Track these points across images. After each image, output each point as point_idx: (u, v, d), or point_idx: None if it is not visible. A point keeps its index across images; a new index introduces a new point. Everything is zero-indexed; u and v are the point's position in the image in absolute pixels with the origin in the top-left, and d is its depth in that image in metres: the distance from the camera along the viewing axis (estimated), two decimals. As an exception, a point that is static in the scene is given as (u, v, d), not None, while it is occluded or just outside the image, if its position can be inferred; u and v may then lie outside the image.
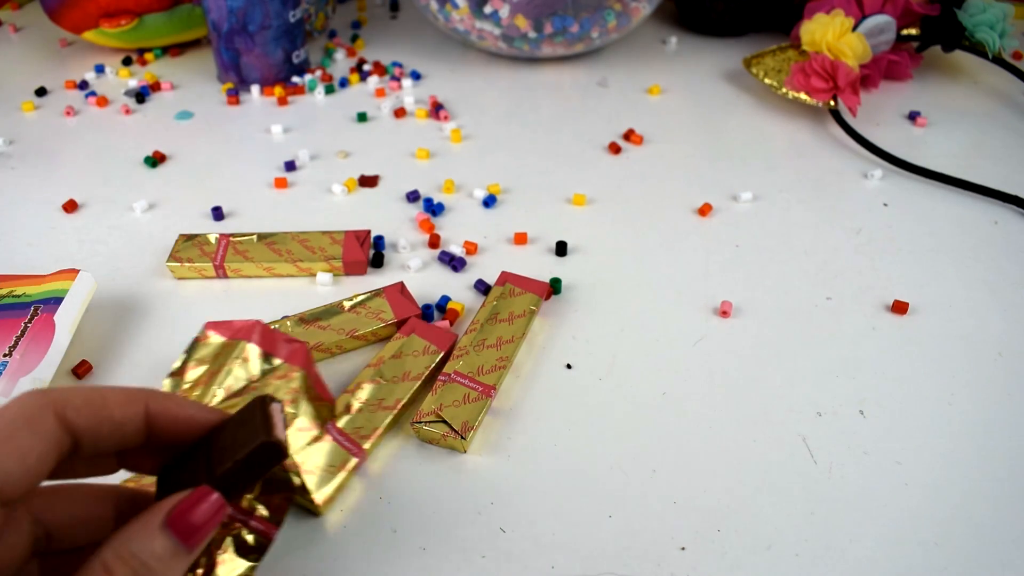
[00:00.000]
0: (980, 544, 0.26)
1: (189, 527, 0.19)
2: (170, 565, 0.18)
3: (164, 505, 0.19)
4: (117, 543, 0.18)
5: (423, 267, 0.39)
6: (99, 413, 0.20)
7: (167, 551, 0.18)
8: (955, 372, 0.33)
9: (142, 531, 0.18)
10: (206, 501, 0.19)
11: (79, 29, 0.58)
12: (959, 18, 0.53)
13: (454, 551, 0.26)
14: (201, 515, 0.19)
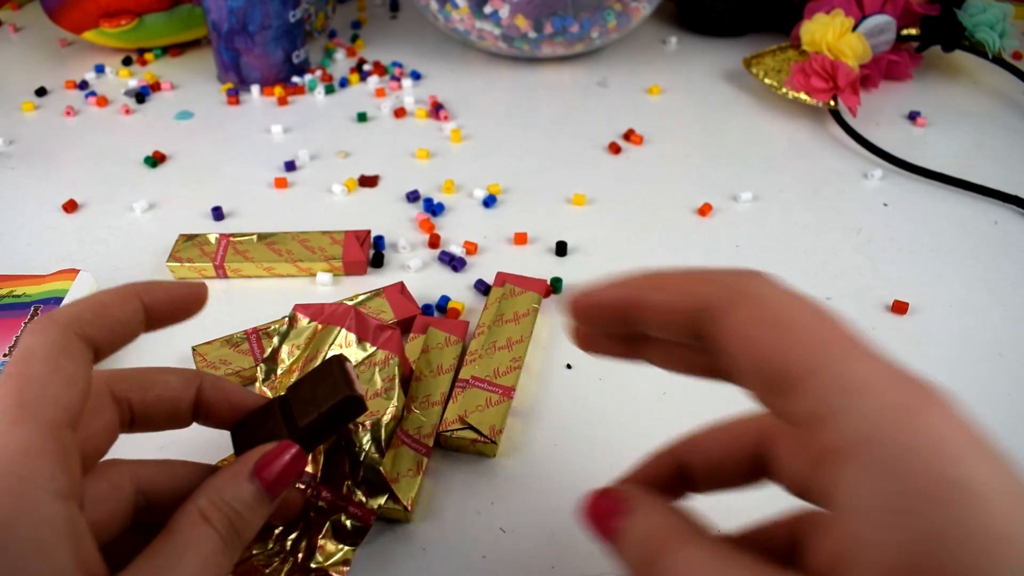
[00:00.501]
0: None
1: (273, 477, 0.21)
2: (256, 512, 0.20)
3: (251, 456, 0.21)
4: (211, 491, 0.20)
5: (423, 267, 0.39)
6: (146, 392, 0.22)
7: (254, 498, 0.20)
8: (955, 372, 0.33)
9: (232, 480, 0.20)
10: (288, 453, 0.21)
11: (79, 29, 0.58)
12: (959, 18, 0.53)
13: (454, 552, 0.26)
14: (285, 465, 0.21)
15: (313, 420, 0.22)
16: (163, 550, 0.18)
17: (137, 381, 0.22)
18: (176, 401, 0.22)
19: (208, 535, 0.19)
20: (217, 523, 0.19)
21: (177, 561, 0.18)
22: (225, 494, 0.20)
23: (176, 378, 0.22)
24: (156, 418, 0.22)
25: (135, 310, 0.20)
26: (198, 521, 0.19)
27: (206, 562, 0.18)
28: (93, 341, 0.19)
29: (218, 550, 0.19)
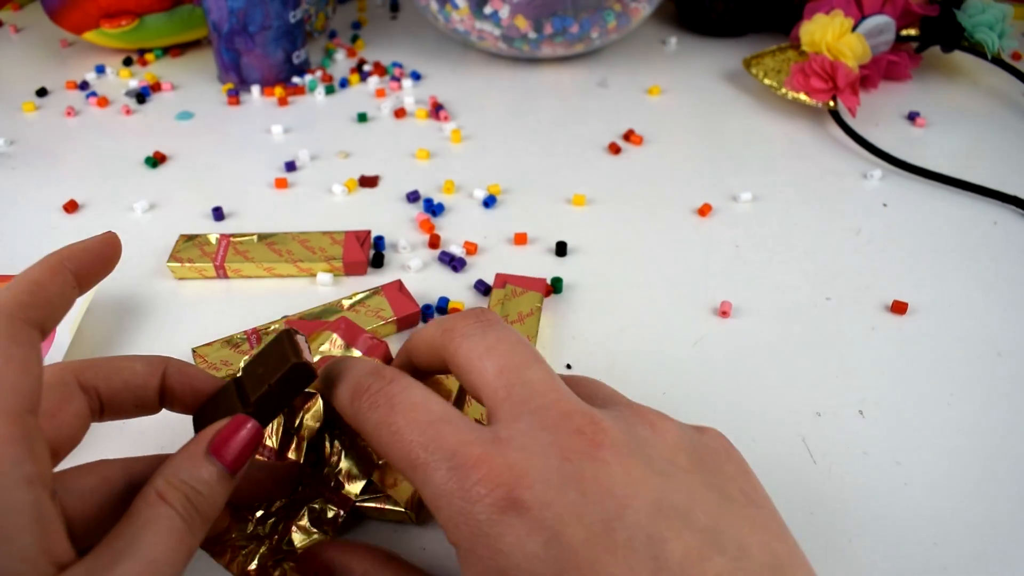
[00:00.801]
0: (980, 544, 0.26)
1: (230, 452, 0.21)
2: (216, 489, 0.20)
3: (206, 434, 0.21)
4: (168, 472, 0.20)
5: (423, 267, 0.39)
6: (112, 380, 0.22)
7: (212, 476, 0.20)
8: (955, 372, 0.33)
9: (188, 460, 0.20)
10: (243, 427, 0.21)
11: (80, 30, 0.58)
12: (958, 19, 0.53)
13: (454, 552, 0.26)
14: (240, 440, 0.21)
15: (264, 392, 0.22)
16: (122, 533, 0.19)
17: (103, 369, 0.22)
18: (142, 387, 0.23)
19: (165, 514, 0.19)
20: (175, 502, 0.19)
21: (134, 541, 0.18)
22: (181, 473, 0.20)
23: (141, 365, 0.23)
24: (124, 405, 0.22)
25: (66, 280, 0.20)
26: (155, 501, 0.19)
27: (165, 540, 0.19)
28: (36, 322, 0.19)
29: (177, 528, 0.19)
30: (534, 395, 0.20)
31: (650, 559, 0.17)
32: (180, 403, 0.23)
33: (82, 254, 0.21)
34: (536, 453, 0.19)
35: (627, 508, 0.18)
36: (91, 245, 0.21)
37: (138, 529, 0.19)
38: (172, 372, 0.23)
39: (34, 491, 0.17)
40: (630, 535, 0.17)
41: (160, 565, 0.18)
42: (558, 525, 0.17)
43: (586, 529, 0.17)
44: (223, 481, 0.21)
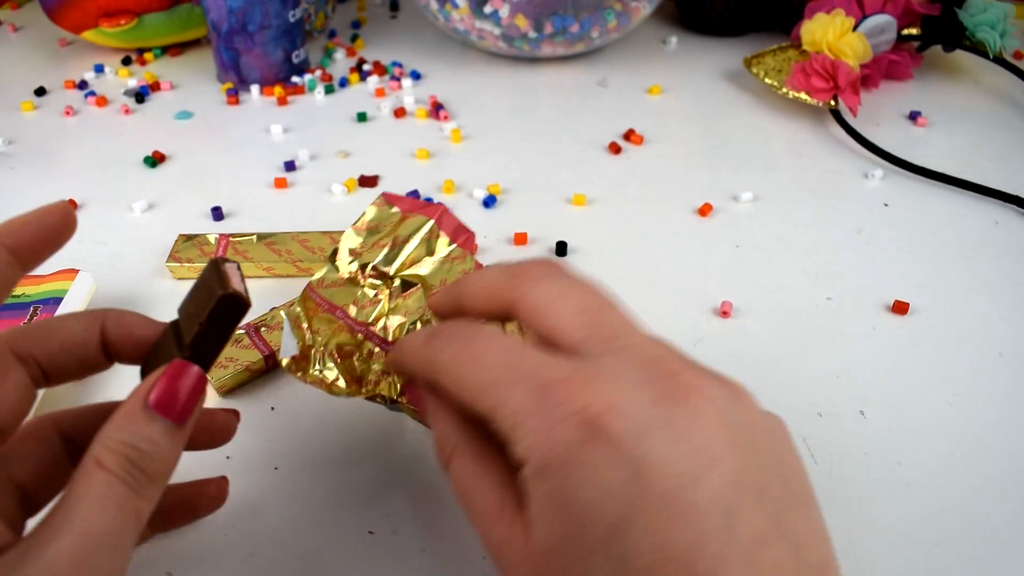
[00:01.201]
0: (980, 544, 0.26)
1: (173, 403, 0.19)
2: (165, 445, 0.19)
3: (141, 389, 0.19)
4: (104, 436, 0.18)
5: (423, 267, 0.39)
6: (47, 344, 0.21)
7: (157, 432, 0.19)
8: (956, 372, 0.33)
9: (126, 419, 0.19)
10: (184, 374, 0.19)
11: (78, 29, 0.58)
12: (960, 18, 0.53)
13: (453, 553, 0.26)
14: (182, 388, 0.19)
15: (197, 333, 0.20)
16: (60, 507, 0.17)
17: (36, 334, 0.21)
18: (82, 346, 0.21)
19: (102, 480, 0.18)
20: (113, 466, 0.18)
21: (70, 514, 0.17)
22: (119, 435, 0.18)
23: (77, 322, 0.21)
24: (68, 367, 0.21)
25: (1, 257, 0.19)
26: (91, 470, 0.18)
27: (102, 509, 0.17)
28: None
29: (117, 492, 0.18)
30: (619, 335, 0.19)
31: (722, 530, 0.16)
32: (125, 355, 0.22)
33: (21, 228, 0.19)
34: (627, 387, 0.17)
35: (712, 471, 0.16)
36: (32, 218, 0.19)
37: (74, 501, 0.17)
38: (111, 325, 0.22)
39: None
40: (709, 500, 0.16)
41: (99, 536, 0.17)
42: (645, 467, 0.16)
43: (668, 480, 0.16)
44: (170, 434, 0.19)
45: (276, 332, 0.33)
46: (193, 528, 0.26)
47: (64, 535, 0.17)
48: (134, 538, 0.18)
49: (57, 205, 0.20)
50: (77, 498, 0.17)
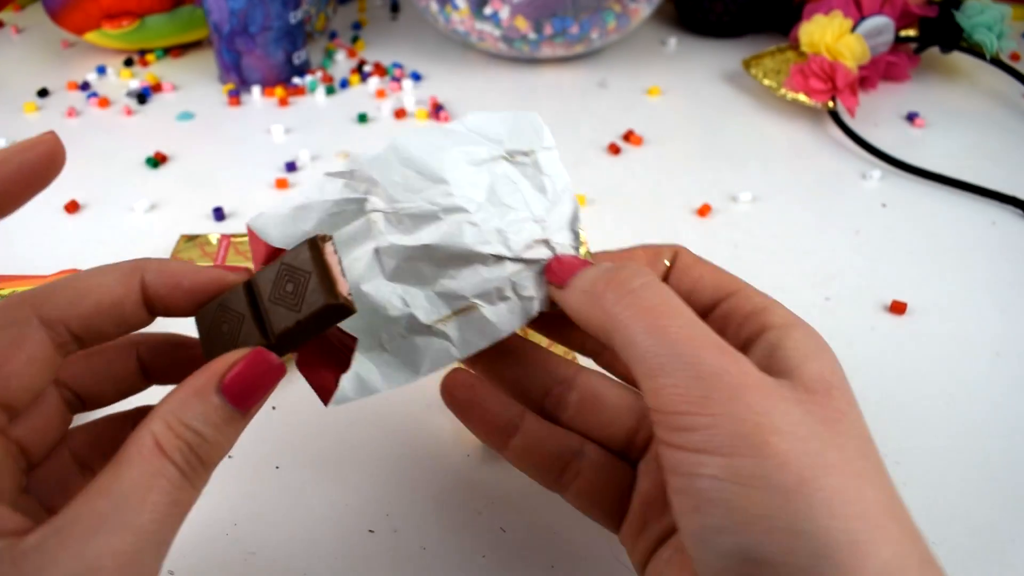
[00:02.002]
0: (979, 544, 0.26)
1: (246, 392, 0.17)
2: (225, 432, 0.17)
3: (217, 368, 0.17)
4: (167, 412, 0.17)
5: (423, 267, 0.39)
6: (79, 305, 0.18)
7: (222, 417, 0.17)
8: (953, 372, 0.33)
9: (196, 397, 0.17)
10: (264, 364, 0.18)
11: (81, 30, 0.58)
12: (957, 19, 0.53)
13: (454, 551, 0.26)
14: (259, 379, 0.17)
15: (289, 329, 0.18)
16: (110, 491, 0.15)
17: (66, 295, 0.18)
18: (119, 304, 0.18)
19: (162, 471, 0.16)
20: (173, 452, 0.16)
21: (123, 505, 0.15)
22: (186, 415, 0.17)
23: (111, 277, 0.19)
24: (104, 328, 0.18)
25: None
26: (151, 453, 0.16)
27: (158, 505, 0.16)
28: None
29: (176, 487, 0.16)
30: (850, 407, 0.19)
31: (885, 485, 0.17)
32: (174, 308, 0.19)
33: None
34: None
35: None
36: (8, 155, 0.17)
37: (130, 490, 0.15)
38: (152, 277, 0.19)
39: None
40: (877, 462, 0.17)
41: (153, 536, 0.15)
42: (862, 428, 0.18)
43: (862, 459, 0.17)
44: (232, 424, 0.17)
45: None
46: (194, 528, 0.26)
47: (114, 529, 0.15)
48: (174, 538, 0.17)
49: (42, 137, 0.17)
50: (131, 484, 0.15)
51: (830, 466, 0.16)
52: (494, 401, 0.23)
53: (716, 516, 0.16)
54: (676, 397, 0.17)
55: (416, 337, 0.22)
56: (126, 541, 0.15)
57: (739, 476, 0.16)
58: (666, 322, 0.18)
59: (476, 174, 0.22)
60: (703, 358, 0.17)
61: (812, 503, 0.15)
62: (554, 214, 0.23)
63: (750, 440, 0.16)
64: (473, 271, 0.22)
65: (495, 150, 0.23)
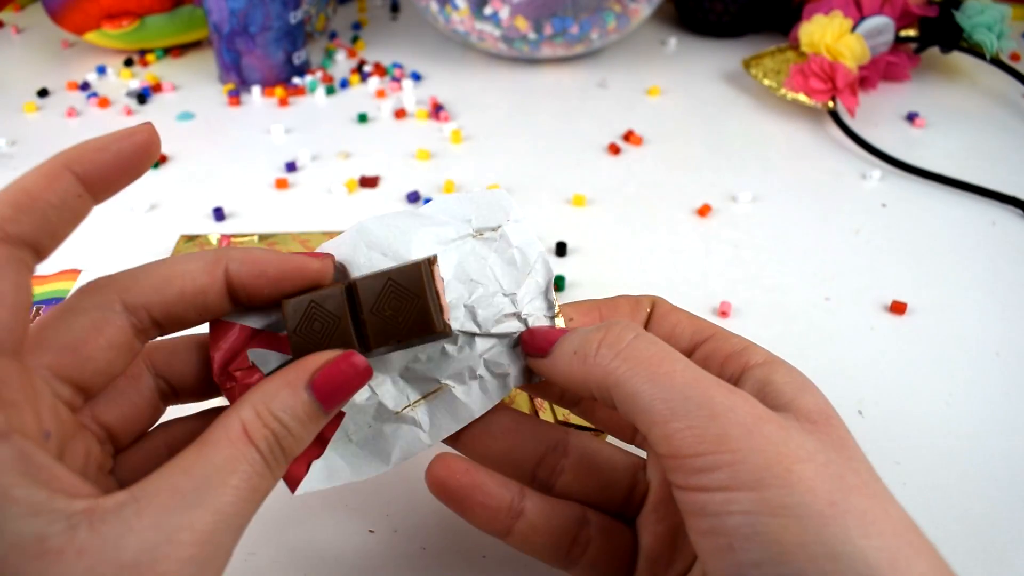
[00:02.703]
0: (978, 544, 0.26)
1: (334, 392, 0.18)
2: (307, 428, 0.18)
3: (310, 364, 0.18)
4: (257, 400, 0.17)
5: (423, 267, 0.39)
6: (164, 292, 0.19)
7: (307, 413, 0.18)
8: (953, 372, 0.33)
9: (287, 389, 0.17)
10: (355, 368, 0.18)
11: (81, 30, 0.58)
12: (957, 19, 0.53)
13: (454, 551, 0.26)
14: (348, 382, 0.18)
15: (390, 345, 0.19)
16: (193, 470, 0.16)
17: (151, 282, 0.19)
18: (203, 293, 0.19)
19: (248, 455, 0.16)
20: (261, 442, 0.17)
21: (206, 488, 0.16)
22: (275, 404, 0.17)
23: (196, 265, 0.19)
24: (186, 315, 0.19)
25: (68, 186, 0.17)
26: (238, 439, 0.16)
27: (241, 490, 0.16)
28: (23, 239, 0.16)
29: (258, 474, 0.17)
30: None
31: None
32: (258, 296, 0.20)
33: (97, 153, 0.17)
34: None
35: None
36: (107, 141, 0.17)
37: (213, 471, 0.16)
38: (236, 266, 0.19)
39: (9, 444, 0.14)
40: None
41: (231, 519, 0.16)
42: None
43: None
44: (316, 419, 0.18)
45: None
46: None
47: (193, 506, 0.15)
48: (252, 517, 0.17)
49: (139, 128, 0.17)
50: (215, 466, 0.16)
51: (853, 488, 0.16)
52: (492, 483, 0.21)
53: (753, 551, 0.16)
54: (692, 439, 0.17)
55: (384, 425, 0.22)
56: (204, 519, 0.15)
57: (772, 507, 0.16)
58: (668, 368, 0.18)
59: (443, 253, 0.22)
60: (713, 397, 0.17)
61: (846, 525, 0.16)
62: (526, 285, 0.23)
63: (775, 471, 0.16)
64: (440, 352, 0.22)
65: (463, 229, 0.23)
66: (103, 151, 0.17)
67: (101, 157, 0.17)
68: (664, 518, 0.21)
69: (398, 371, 0.22)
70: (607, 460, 0.23)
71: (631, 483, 0.23)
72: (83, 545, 0.14)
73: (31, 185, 0.16)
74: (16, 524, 0.14)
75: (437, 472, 0.21)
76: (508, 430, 0.23)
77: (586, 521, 0.22)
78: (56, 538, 0.14)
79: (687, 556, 0.21)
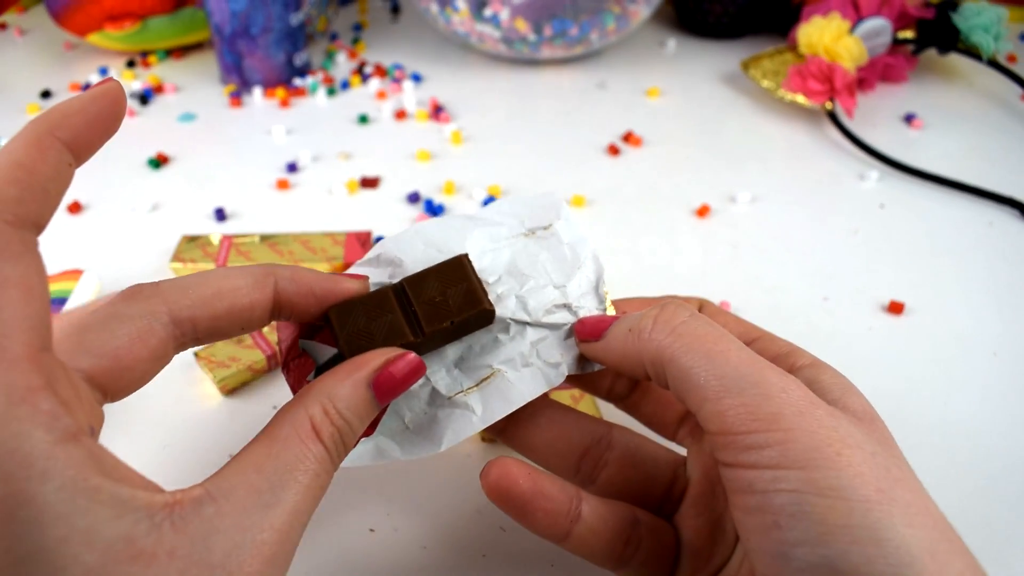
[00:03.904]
0: (978, 544, 0.26)
1: (392, 388, 0.19)
2: (364, 422, 0.19)
3: (371, 362, 0.19)
4: (324, 398, 0.18)
5: (424, 268, 0.39)
6: (214, 306, 0.19)
7: (367, 409, 0.19)
8: (951, 372, 0.33)
9: (353, 387, 0.18)
10: (411, 366, 0.19)
11: (83, 32, 0.58)
12: (954, 21, 0.53)
13: (454, 551, 0.26)
14: (405, 379, 0.19)
15: (444, 328, 0.21)
16: (265, 467, 0.16)
17: (201, 295, 0.18)
18: (251, 307, 0.19)
19: (317, 455, 0.17)
20: (328, 440, 0.17)
21: (281, 486, 0.16)
22: (340, 402, 0.18)
23: (247, 281, 0.19)
24: (229, 329, 0.19)
25: (60, 156, 0.17)
26: (307, 436, 0.17)
27: (312, 487, 0.17)
28: (29, 219, 0.15)
29: (325, 470, 0.17)
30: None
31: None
32: (303, 314, 0.21)
33: (76, 116, 0.17)
34: None
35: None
36: (82, 103, 0.17)
37: (285, 468, 0.16)
38: (285, 284, 0.20)
39: (81, 445, 0.14)
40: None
41: (303, 516, 0.16)
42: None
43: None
44: (370, 415, 0.19)
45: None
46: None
47: (276, 507, 0.16)
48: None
49: (108, 85, 0.18)
50: (289, 466, 0.16)
51: (898, 480, 0.17)
52: (554, 488, 0.21)
53: (798, 530, 0.16)
54: (745, 416, 0.17)
55: (438, 410, 0.22)
56: (282, 518, 0.16)
57: (820, 488, 0.16)
58: (723, 347, 0.18)
59: (496, 250, 0.23)
60: (767, 377, 0.17)
61: (892, 512, 0.16)
62: (576, 279, 0.24)
63: (826, 452, 0.16)
64: (493, 340, 0.23)
65: (516, 228, 0.24)
66: (83, 113, 0.17)
67: (83, 120, 0.17)
68: (703, 512, 0.22)
69: (453, 361, 0.23)
70: (650, 455, 0.23)
71: (671, 479, 0.23)
72: (173, 546, 0.14)
73: (24, 158, 0.16)
74: (107, 527, 0.14)
75: (496, 478, 0.21)
76: (554, 420, 0.23)
77: (637, 521, 0.22)
78: (144, 539, 0.14)
79: (724, 550, 0.21)
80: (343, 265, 0.38)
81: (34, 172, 0.16)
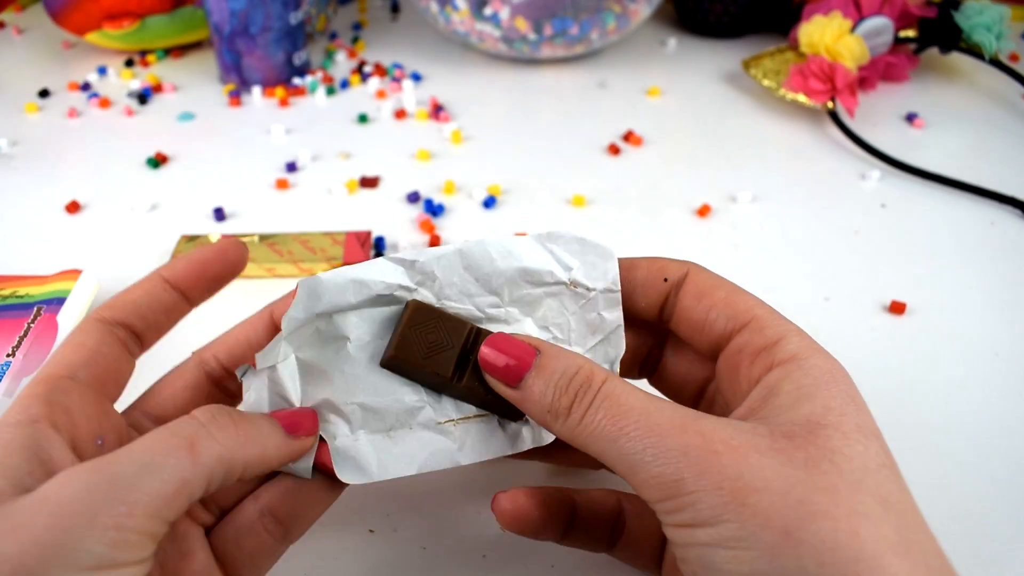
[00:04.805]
0: (979, 544, 0.26)
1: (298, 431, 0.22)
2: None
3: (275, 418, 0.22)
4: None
5: (423, 268, 0.39)
6: (236, 351, 0.24)
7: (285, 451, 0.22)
8: (952, 372, 0.33)
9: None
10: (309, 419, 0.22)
11: (82, 31, 0.58)
12: (956, 20, 0.53)
13: (454, 551, 0.26)
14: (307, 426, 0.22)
15: (476, 397, 0.22)
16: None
17: (226, 346, 0.24)
18: (260, 344, 0.24)
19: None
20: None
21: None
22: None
23: (255, 324, 0.24)
24: (241, 360, 0.24)
25: (156, 285, 0.22)
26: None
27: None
28: (117, 320, 0.21)
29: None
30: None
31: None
32: None
33: (181, 262, 0.22)
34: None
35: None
36: (195, 253, 0.22)
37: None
38: (279, 315, 0.24)
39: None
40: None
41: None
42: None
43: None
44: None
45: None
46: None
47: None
48: None
49: (224, 244, 0.23)
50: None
51: (817, 512, 0.16)
52: (553, 497, 0.23)
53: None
54: (657, 487, 0.18)
55: (423, 432, 0.22)
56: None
57: (726, 541, 0.17)
58: (624, 425, 0.19)
59: (531, 295, 0.23)
60: (667, 444, 0.18)
61: (800, 555, 0.16)
62: (595, 351, 0.24)
63: (730, 506, 0.17)
64: None
65: (561, 275, 0.23)
66: (188, 260, 0.22)
67: (185, 264, 0.22)
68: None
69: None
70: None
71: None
72: None
73: (132, 288, 0.22)
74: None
75: (511, 514, 0.23)
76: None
77: (620, 507, 0.24)
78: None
79: None
80: (344, 265, 0.38)
81: (131, 294, 0.22)
